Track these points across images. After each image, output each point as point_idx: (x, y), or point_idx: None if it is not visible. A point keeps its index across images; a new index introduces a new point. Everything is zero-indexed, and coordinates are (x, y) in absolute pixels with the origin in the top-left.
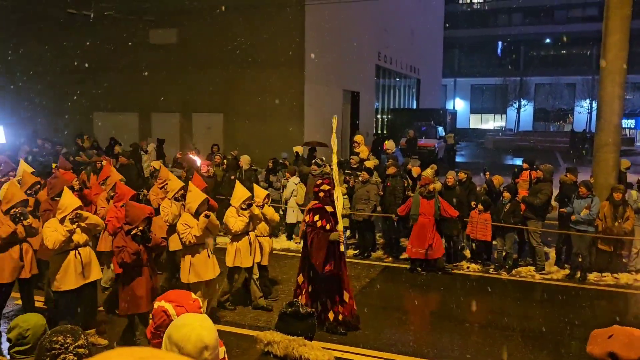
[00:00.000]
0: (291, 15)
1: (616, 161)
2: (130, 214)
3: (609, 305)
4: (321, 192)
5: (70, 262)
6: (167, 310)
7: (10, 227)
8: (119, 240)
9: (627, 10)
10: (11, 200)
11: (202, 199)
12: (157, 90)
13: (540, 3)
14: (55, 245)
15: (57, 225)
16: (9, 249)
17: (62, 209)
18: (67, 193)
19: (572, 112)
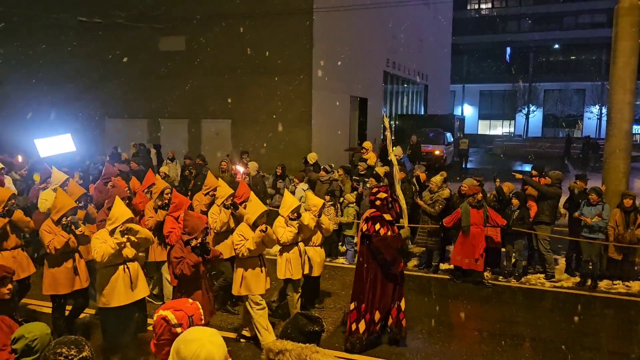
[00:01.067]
0: (299, 22)
1: (627, 168)
2: (189, 224)
3: (620, 314)
4: (378, 200)
5: (119, 276)
6: (166, 316)
7: (64, 238)
8: (178, 251)
9: (636, 17)
10: (61, 209)
11: (262, 211)
12: (166, 96)
13: (548, 9)
14: (103, 257)
15: (106, 237)
16: (62, 259)
17: (112, 220)
18: (118, 203)
19: (581, 118)
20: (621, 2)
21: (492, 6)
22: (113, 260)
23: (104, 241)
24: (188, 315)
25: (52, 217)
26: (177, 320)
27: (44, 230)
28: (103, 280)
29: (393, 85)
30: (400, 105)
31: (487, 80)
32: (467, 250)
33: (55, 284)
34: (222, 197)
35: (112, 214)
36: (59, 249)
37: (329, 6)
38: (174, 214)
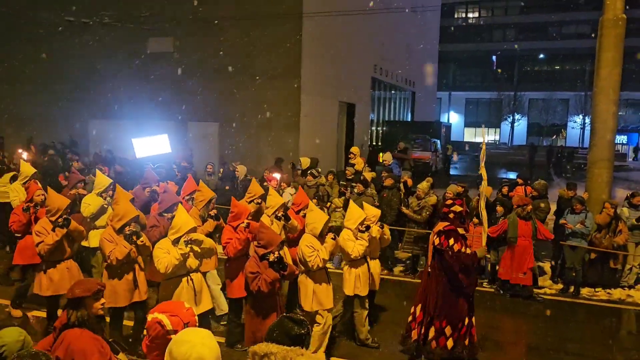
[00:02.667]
0: (288, 26)
1: (610, 177)
2: (265, 237)
3: (601, 320)
4: (452, 213)
5: (183, 289)
6: (161, 320)
7: (126, 248)
8: (253, 265)
9: (620, 29)
10: (124, 217)
11: (326, 220)
12: (153, 98)
13: (533, 19)
14: (167, 269)
15: (169, 247)
16: (123, 271)
17: (175, 229)
18: (181, 212)
19: (565, 127)
20: (606, 14)
21: (478, 15)
22: (177, 272)
23: (167, 251)
24: (184, 322)
25: (114, 226)
26: (172, 327)
27: (104, 239)
28: (166, 293)
29: (381, 92)
30: (387, 111)
31: (473, 88)
32: (516, 263)
33: (114, 296)
34: (274, 207)
35: (176, 223)
36: (120, 260)
37: (318, 11)
38: (233, 223)
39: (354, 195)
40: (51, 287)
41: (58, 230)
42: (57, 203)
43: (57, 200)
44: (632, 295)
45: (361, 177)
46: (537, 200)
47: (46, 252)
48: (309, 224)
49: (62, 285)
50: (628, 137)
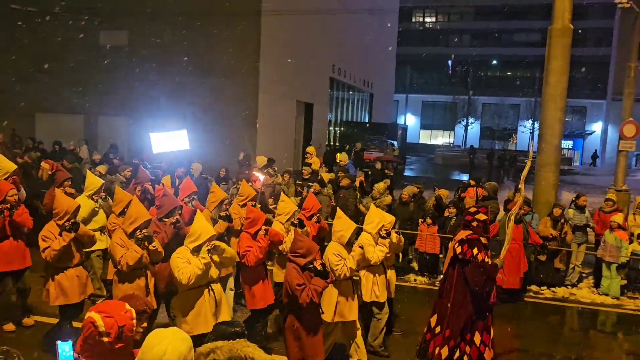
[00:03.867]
0: (247, 24)
1: (556, 180)
2: (303, 245)
3: (546, 317)
4: (475, 221)
5: (205, 300)
6: (95, 321)
7: (138, 253)
8: (297, 277)
9: (567, 39)
10: (136, 221)
11: (354, 228)
12: (105, 92)
13: (487, 26)
14: (190, 280)
15: (188, 256)
16: (134, 277)
17: (194, 237)
18: (200, 218)
19: (515, 131)
20: (554, 23)
21: (435, 20)
22: (197, 282)
23: (187, 261)
24: (119, 325)
25: (125, 229)
26: (105, 329)
27: (115, 244)
28: (186, 304)
29: (339, 92)
30: (345, 112)
31: (429, 92)
32: (510, 268)
33: None
34: (288, 214)
35: (195, 230)
36: (131, 265)
37: (277, 9)
38: (250, 230)
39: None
40: (61, 295)
41: (65, 235)
42: (65, 205)
43: (65, 203)
44: (574, 294)
45: (318, 176)
46: (487, 201)
47: (53, 258)
48: (337, 231)
49: (73, 294)
50: (573, 142)
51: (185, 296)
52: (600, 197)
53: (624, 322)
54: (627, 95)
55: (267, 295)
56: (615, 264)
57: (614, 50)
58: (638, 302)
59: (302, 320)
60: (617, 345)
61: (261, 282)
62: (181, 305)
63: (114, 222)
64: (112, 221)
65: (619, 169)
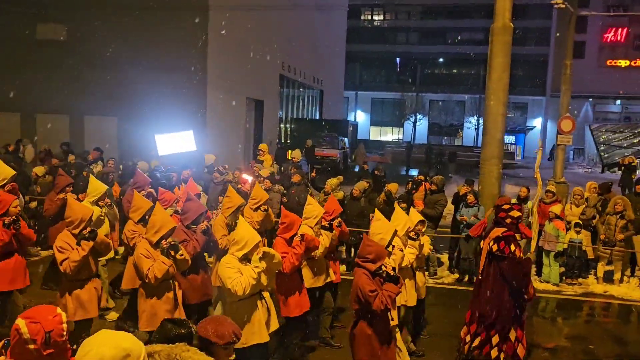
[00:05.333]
0: (193, 19)
1: (499, 173)
2: (373, 250)
3: None
4: (509, 218)
5: (259, 310)
6: (19, 327)
7: (165, 264)
8: (369, 283)
9: (508, 36)
10: (161, 229)
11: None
12: (44, 90)
13: (433, 25)
14: (246, 291)
15: (238, 265)
16: (163, 290)
17: (241, 244)
18: (243, 224)
19: (462, 127)
20: (495, 22)
21: (383, 18)
22: (251, 292)
23: (239, 270)
24: (46, 330)
25: (150, 239)
26: (30, 335)
27: (141, 255)
28: (237, 315)
29: (289, 89)
30: (296, 109)
31: (378, 88)
32: None
33: (154, 318)
34: (316, 217)
35: (241, 237)
36: (159, 278)
37: (224, 4)
38: (285, 235)
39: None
40: (79, 309)
41: (84, 244)
42: (80, 213)
43: (80, 210)
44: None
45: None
46: (435, 194)
47: (73, 270)
48: (376, 234)
49: (91, 307)
50: (516, 137)
51: (236, 307)
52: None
53: (563, 307)
54: (564, 92)
55: (302, 303)
56: (553, 252)
57: (551, 49)
58: (576, 288)
59: (375, 327)
60: (557, 329)
61: (296, 289)
62: (232, 316)
63: (132, 230)
64: (131, 228)
65: (557, 162)
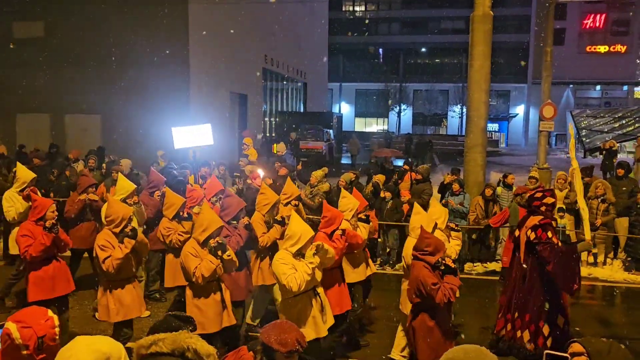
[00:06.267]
0: (174, 13)
1: (484, 160)
2: (432, 242)
3: (478, 292)
4: (543, 205)
5: (314, 307)
6: (11, 332)
7: (213, 264)
8: (431, 276)
9: (488, 25)
10: (208, 228)
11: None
12: (23, 89)
13: (415, 14)
14: (301, 287)
15: (292, 260)
16: (210, 291)
17: (295, 239)
18: (296, 218)
19: (446, 116)
20: (476, 10)
21: (365, 9)
22: (306, 287)
23: (293, 266)
24: (38, 335)
25: (197, 238)
26: (22, 340)
27: (189, 254)
28: (293, 311)
29: (272, 82)
30: (280, 102)
31: (362, 80)
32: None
33: (203, 321)
34: (352, 210)
35: (294, 232)
36: (206, 278)
37: None
38: (326, 229)
39: (246, 185)
40: (121, 311)
41: (127, 242)
42: (121, 212)
43: (120, 209)
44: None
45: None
46: (421, 184)
47: (115, 268)
48: (416, 227)
49: (134, 307)
50: (499, 125)
51: (291, 303)
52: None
53: None
54: (544, 78)
55: (343, 301)
56: None
57: (532, 36)
58: None
59: (437, 320)
60: None
61: (337, 286)
62: (287, 313)
63: (167, 227)
64: (166, 225)
65: (540, 148)
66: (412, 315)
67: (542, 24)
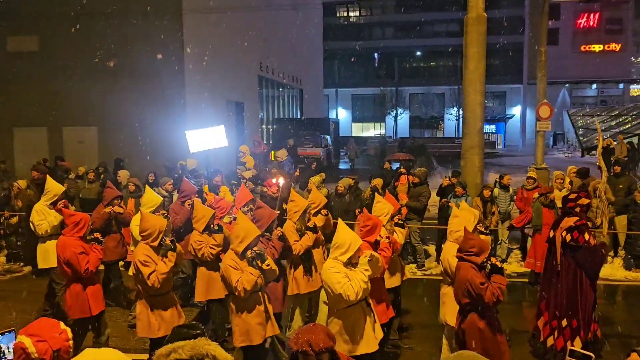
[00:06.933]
0: (169, 23)
1: (481, 162)
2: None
3: None
4: (578, 207)
5: (367, 317)
6: (26, 347)
7: (254, 275)
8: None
9: (482, 26)
10: (245, 239)
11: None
12: (19, 102)
13: (408, 18)
14: (358, 295)
15: (343, 269)
16: (254, 303)
17: (344, 248)
18: (343, 227)
19: (442, 119)
20: (469, 12)
21: (359, 14)
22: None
23: (345, 275)
24: (54, 349)
25: (236, 249)
26: (38, 354)
27: (229, 267)
28: (346, 322)
29: (268, 90)
30: (277, 109)
31: (358, 85)
32: (540, 252)
33: (247, 333)
34: (387, 215)
35: (343, 241)
36: (249, 290)
37: (198, 7)
38: (369, 238)
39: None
40: (163, 326)
41: (171, 255)
42: (157, 225)
43: (155, 222)
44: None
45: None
46: (418, 187)
47: (161, 283)
48: (455, 231)
49: (173, 322)
50: (496, 126)
51: (344, 314)
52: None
53: None
54: (540, 78)
55: (388, 308)
56: None
57: (526, 37)
58: None
59: (487, 320)
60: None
61: (382, 295)
62: (340, 325)
63: (198, 240)
64: (197, 239)
65: (537, 148)
66: (460, 317)
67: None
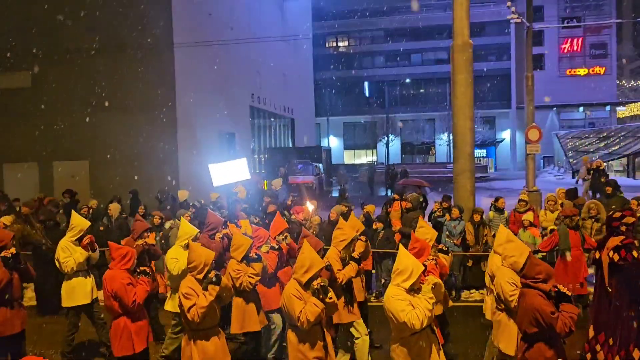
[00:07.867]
0: (159, 58)
1: (472, 186)
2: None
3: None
4: (623, 225)
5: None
6: None
7: (318, 307)
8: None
9: (468, 53)
10: (311, 269)
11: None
12: (9, 138)
13: (397, 47)
14: (423, 323)
15: (406, 296)
16: (315, 337)
17: (407, 274)
18: (405, 254)
19: (434, 144)
20: (455, 40)
21: (348, 44)
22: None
23: (409, 302)
24: None
25: (299, 279)
26: None
27: (293, 297)
28: (412, 351)
29: (260, 120)
30: (268, 138)
31: (349, 113)
32: (571, 275)
33: None
34: (432, 239)
35: (405, 267)
36: (311, 322)
37: (189, 41)
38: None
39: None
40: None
41: (212, 289)
42: (204, 257)
43: (202, 254)
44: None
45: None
46: (411, 212)
47: (201, 317)
48: (509, 257)
49: (217, 358)
50: (487, 151)
51: (408, 341)
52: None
53: None
54: (527, 102)
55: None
56: None
57: (513, 63)
58: None
59: (555, 350)
60: None
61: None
62: (404, 352)
63: (237, 269)
64: (235, 268)
65: (528, 171)
66: (525, 345)
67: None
